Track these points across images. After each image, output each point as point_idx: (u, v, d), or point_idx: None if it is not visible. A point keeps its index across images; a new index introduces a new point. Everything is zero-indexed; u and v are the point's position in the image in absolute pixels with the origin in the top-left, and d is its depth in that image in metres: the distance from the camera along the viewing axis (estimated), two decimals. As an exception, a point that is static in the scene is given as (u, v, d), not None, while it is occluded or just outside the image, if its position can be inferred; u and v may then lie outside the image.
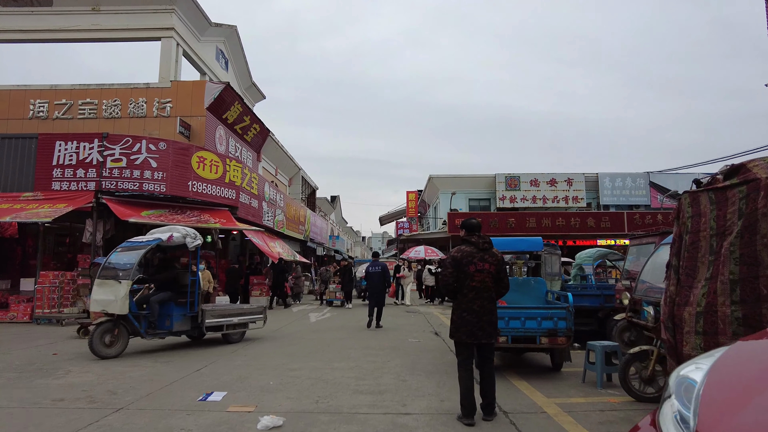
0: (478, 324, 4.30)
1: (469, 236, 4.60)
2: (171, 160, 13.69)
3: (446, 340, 8.80)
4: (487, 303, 4.38)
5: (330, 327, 10.58)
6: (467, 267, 4.39)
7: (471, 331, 4.29)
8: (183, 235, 7.78)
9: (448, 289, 4.50)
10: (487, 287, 4.39)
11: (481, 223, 4.88)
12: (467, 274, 4.39)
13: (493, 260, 4.46)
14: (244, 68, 22.63)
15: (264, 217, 18.20)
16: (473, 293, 4.35)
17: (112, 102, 16.11)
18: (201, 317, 7.86)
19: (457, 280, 4.43)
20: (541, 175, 27.85)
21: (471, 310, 4.33)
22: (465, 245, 4.58)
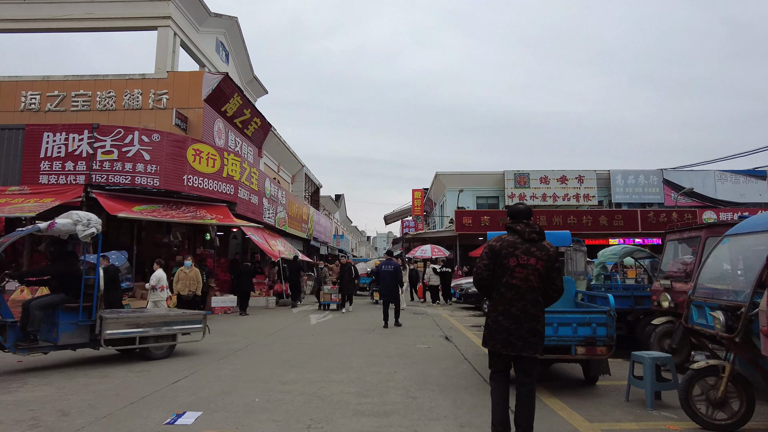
0: (518, 332, 3.42)
1: (514, 223, 3.72)
2: (165, 152, 12.87)
3: (459, 345, 7.89)
4: (530, 307, 3.48)
5: (331, 330, 9.69)
6: (506, 260, 3.53)
7: (507, 340, 3.43)
8: (73, 221, 6.10)
9: (481, 285, 3.65)
10: (531, 287, 3.48)
11: (531, 210, 3.90)
12: (506, 268, 3.52)
13: (541, 254, 3.54)
14: (245, 61, 21.82)
15: (264, 214, 17.37)
16: (513, 293, 3.48)
17: (106, 93, 15.35)
18: (99, 327, 6.11)
19: (493, 274, 3.58)
20: (551, 172, 26.82)
21: (509, 314, 3.46)
22: (508, 234, 3.72)
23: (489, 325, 3.58)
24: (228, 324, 10.71)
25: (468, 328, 10.16)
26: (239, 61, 21.59)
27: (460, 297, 14.66)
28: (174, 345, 7.01)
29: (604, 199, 27.75)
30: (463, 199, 26.35)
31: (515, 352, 3.41)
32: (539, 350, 3.48)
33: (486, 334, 3.59)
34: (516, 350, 3.40)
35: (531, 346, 3.42)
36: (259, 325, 10.43)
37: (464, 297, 14.38)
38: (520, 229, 3.64)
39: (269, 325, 10.57)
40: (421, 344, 7.98)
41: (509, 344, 3.41)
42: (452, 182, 27.60)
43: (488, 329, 3.57)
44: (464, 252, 25.31)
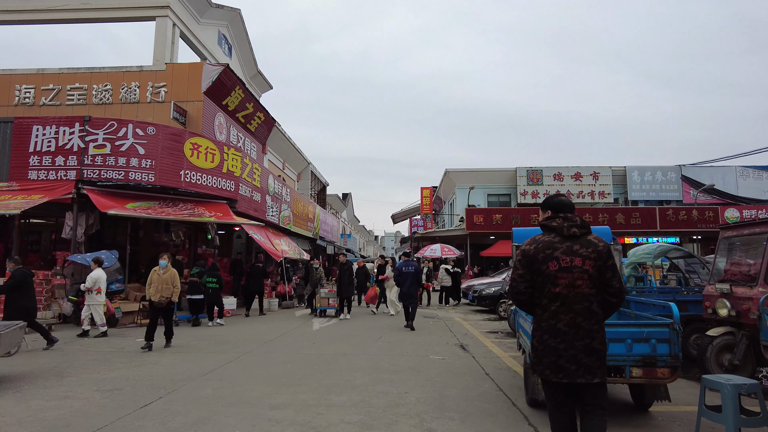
0: (568, 353, 2.65)
1: (550, 219, 2.91)
2: (161, 146, 12.06)
3: (477, 356, 6.93)
4: (581, 319, 2.68)
5: (334, 337, 8.78)
6: (545, 265, 2.76)
7: (557, 363, 2.66)
8: None
9: (520, 300, 2.85)
10: (580, 295, 2.70)
11: (572, 203, 3.05)
12: (546, 275, 2.73)
13: (588, 252, 2.75)
14: (249, 55, 21.02)
15: (268, 212, 16.52)
16: (557, 304, 2.71)
17: (102, 87, 14.61)
18: None
19: (532, 285, 2.78)
20: (566, 168, 25.69)
21: (555, 331, 2.70)
22: (545, 231, 2.92)
23: (534, 347, 2.78)
24: (225, 329, 9.87)
25: (485, 335, 9.20)
26: (243, 55, 20.80)
27: (473, 299, 13.69)
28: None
29: (620, 196, 26.56)
30: (474, 197, 25.32)
31: (568, 379, 2.61)
32: (600, 374, 2.64)
33: (533, 358, 2.79)
34: (569, 376, 2.61)
35: (588, 370, 2.61)
36: (257, 331, 9.57)
37: (478, 299, 13.40)
38: (557, 225, 2.83)
39: (269, 330, 9.70)
40: (435, 355, 7.04)
41: (559, 369, 2.64)
42: (462, 179, 26.57)
43: (534, 352, 2.78)
44: (475, 252, 24.30)
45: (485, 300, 13.16)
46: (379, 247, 75.90)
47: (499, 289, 12.87)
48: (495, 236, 23.70)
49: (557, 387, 2.69)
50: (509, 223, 22.76)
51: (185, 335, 8.86)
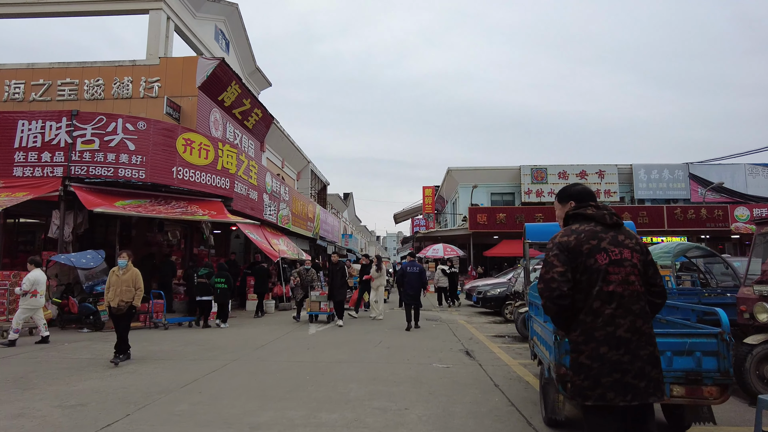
0: (634, 365, 2.12)
1: (583, 207, 2.40)
2: (152, 142, 11.52)
3: (484, 364, 6.33)
4: (642, 323, 2.18)
5: (330, 343, 8.19)
6: (592, 259, 2.23)
7: (623, 381, 2.10)
8: None
9: (561, 306, 2.23)
10: (635, 293, 2.21)
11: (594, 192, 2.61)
12: (595, 271, 2.22)
13: (634, 244, 2.32)
14: (247, 52, 20.48)
15: (265, 211, 15.95)
16: (614, 305, 2.18)
17: (94, 82, 14.10)
18: None
19: (575, 287, 2.22)
20: (571, 167, 25.04)
21: (615, 340, 2.14)
22: (579, 222, 2.37)
23: (585, 365, 2.16)
24: (217, 333, 9.29)
25: (491, 339, 8.59)
26: (241, 50, 20.26)
27: (478, 301, 13.07)
28: None
29: (626, 195, 25.89)
30: (477, 196, 24.70)
31: (639, 400, 2.09)
32: (663, 390, 2.17)
33: (580, 380, 2.17)
34: (640, 396, 2.08)
35: (657, 386, 2.14)
36: (250, 335, 8.99)
37: (482, 301, 12.78)
38: (594, 213, 2.34)
39: (262, 334, 9.13)
40: (438, 363, 6.44)
41: (627, 388, 2.08)
42: (465, 178, 25.96)
43: (584, 372, 2.16)
44: (478, 252, 23.68)
45: (490, 302, 12.55)
46: (380, 248, 75.34)
47: (505, 291, 12.26)
48: (499, 236, 23.08)
49: (616, 414, 2.11)
50: (513, 223, 22.15)
51: (173, 340, 8.29)
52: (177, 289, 12.69)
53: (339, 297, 10.51)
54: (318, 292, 11.25)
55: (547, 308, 2.26)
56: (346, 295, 11.16)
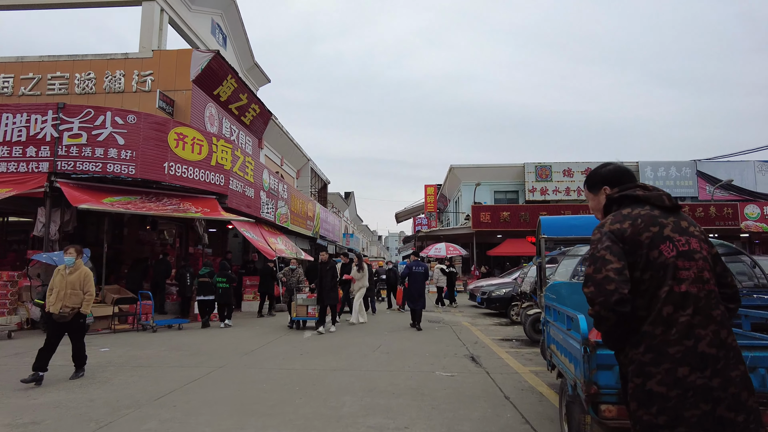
0: (727, 392, 1.53)
1: (631, 188, 1.88)
2: (142, 136, 11.00)
3: (492, 372, 5.76)
4: (725, 333, 1.61)
5: (325, 348, 7.62)
6: (656, 250, 1.69)
7: (712, 416, 1.51)
8: None
9: (621, 315, 1.62)
10: (712, 294, 1.66)
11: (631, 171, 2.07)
12: (661, 265, 1.67)
13: (699, 232, 1.79)
14: (245, 47, 19.96)
15: (262, 209, 15.41)
16: (689, 311, 1.60)
17: (85, 75, 13.62)
18: None
19: (634, 288, 1.68)
20: (576, 164, 24.42)
21: (696, 357, 1.56)
22: (630, 207, 1.83)
23: (656, 393, 1.57)
24: (206, 337, 8.73)
25: (498, 344, 8.01)
26: (238, 45, 19.74)
27: (482, 301, 12.49)
28: None
29: (633, 193, 25.20)
30: (480, 194, 24.11)
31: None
32: None
33: (651, 415, 1.57)
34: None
35: (758, 419, 1.56)
36: (240, 338, 8.44)
37: (487, 302, 12.20)
38: (646, 194, 1.80)
39: (253, 337, 8.58)
40: (442, 370, 5.86)
41: (723, 425, 1.52)
42: (468, 176, 25.36)
43: (656, 402, 1.57)
44: (481, 251, 23.09)
45: (495, 302, 11.96)
46: (382, 248, 74.78)
47: (510, 291, 11.67)
48: (502, 235, 22.49)
49: None
50: (517, 221, 21.57)
51: (159, 344, 7.75)
52: (169, 289, 12.17)
53: (329, 300, 9.27)
54: (305, 294, 10.18)
55: (602, 319, 1.67)
56: (337, 299, 9.81)
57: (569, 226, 4.24)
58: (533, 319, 8.15)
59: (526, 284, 9.77)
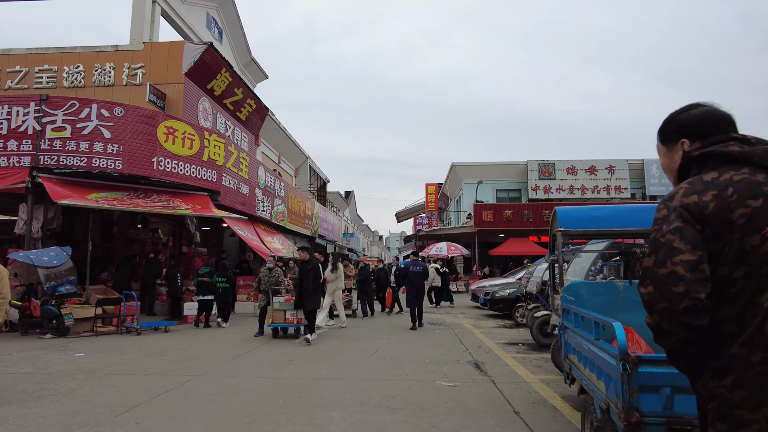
0: None
1: (721, 141, 1.21)
2: (130, 130, 10.47)
3: (498, 381, 5.19)
4: None
5: (317, 353, 7.06)
6: (756, 234, 1.09)
7: None
8: None
9: (692, 331, 1.06)
10: None
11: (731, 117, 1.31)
12: (763, 258, 1.07)
13: None
14: (241, 42, 19.43)
15: (258, 207, 14.87)
16: None
17: (74, 68, 13.10)
18: None
19: (717, 289, 1.10)
20: (579, 162, 23.81)
21: None
22: (717, 170, 1.20)
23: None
24: (191, 340, 8.17)
25: (503, 348, 7.43)
26: (235, 40, 19.21)
27: (485, 302, 11.92)
28: None
29: (638, 191, 24.62)
30: (482, 193, 23.52)
31: None
32: None
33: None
34: None
35: None
36: (228, 342, 7.88)
37: (490, 303, 11.62)
38: (749, 151, 1.20)
39: (242, 341, 8.02)
40: (443, 379, 5.29)
41: None
42: (470, 174, 24.78)
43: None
44: (483, 250, 22.50)
45: (499, 304, 11.38)
46: (383, 248, 74.24)
47: (515, 291, 11.10)
48: (505, 234, 21.91)
49: None
50: (520, 220, 20.98)
51: (140, 348, 7.20)
52: (159, 290, 11.62)
53: (310, 305, 7.79)
54: (283, 297, 8.68)
55: (664, 333, 1.12)
56: (319, 303, 8.44)
57: (589, 218, 3.68)
58: (541, 322, 7.58)
59: (532, 284, 9.19)
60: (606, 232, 3.89)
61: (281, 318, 8.42)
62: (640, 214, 3.81)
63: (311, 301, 7.84)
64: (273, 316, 8.51)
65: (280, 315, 8.45)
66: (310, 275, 7.94)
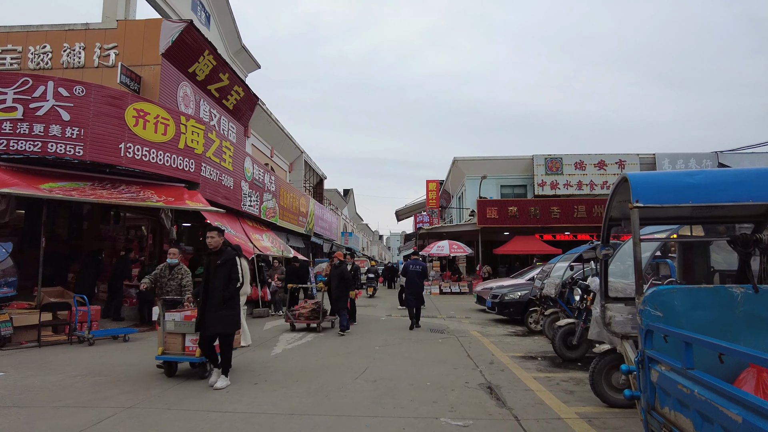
0: None
1: None
2: (93, 111, 9.15)
3: (521, 414, 3.83)
4: None
5: (294, 371, 5.69)
6: None
7: None
8: None
9: None
10: None
11: None
12: None
13: None
14: (231, 28, 18.11)
15: (244, 202, 13.54)
16: None
17: (40, 48, 11.81)
18: None
19: None
20: (588, 156, 22.41)
21: None
22: None
23: None
24: (144, 353, 6.79)
25: (519, 363, 6.06)
26: (224, 26, 17.88)
27: (493, 306, 10.55)
28: None
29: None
30: (485, 189, 22.14)
31: None
32: None
33: None
34: None
35: None
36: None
37: (498, 306, 10.26)
38: None
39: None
40: (450, 414, 3.93)
41: None
42: (473, 169, 23.38)
43: None
44: (487, 249, 21.12)
45: (509, 307, 10.02)
46: (384, 247, 72.89)
47: (527, 294, 9.74)
48: (510, 232, 20.52)
49: None
50: (526, 217, 19.60)
51: (76, 365, 5.84)
52: (128, 291, 10.28)
53: (219, 326, 4.86)
54: (180, 314, 5.39)
55: None
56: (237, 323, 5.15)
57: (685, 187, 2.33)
58: (565, 332, 6.23)
59: (549, 286, 7.83)
60: (716, 208, 2.47)
61: (178, 346, 5.21)
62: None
63: (218, 320, 4.83)
64: (165, 342, 5.26)
65: (175, 341, 5.22)
66: (219, 276, 5.05)
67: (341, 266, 9.12)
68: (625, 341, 3.19)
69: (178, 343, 5.27)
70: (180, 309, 5.65)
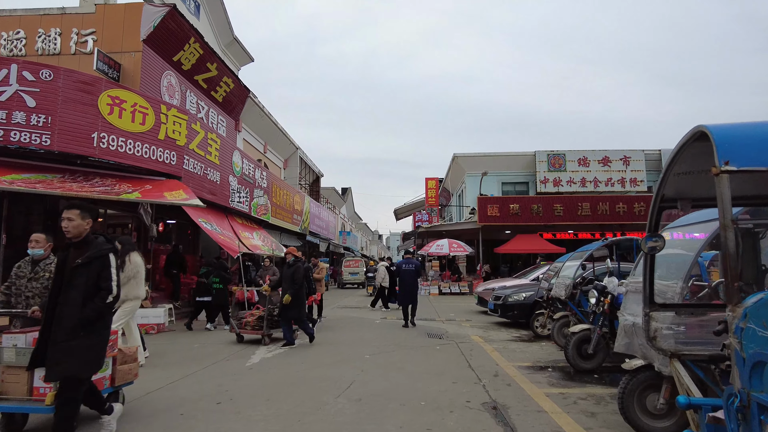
0: None
1: None
2: (62, 98, 8.40)
3: None
4: None
5: (267, 387, 4.90)
6: None
7: None
8: None
9: None
10: None
11: None
12: None
13: None
14: (222, 19, 17.34)
15: (232, 198, 12.77)
16: None
17: (13, 34, 11.10)
18: None
19: None
20: (592, 152, 21.62)
21: None
22: None
23: None
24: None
25: (527, 376, 5.27)
26: (215, 17, 17.11)
27: (495, 308, 9.76)
28: None
29: (654, 184, 22.39)
30: (486, 186, 21.36)
31: None
32: None
33: None
34: None
35: None
36: (155, 365, 5.74)
37: (501, 309, 9.47)
38: None
39: (175, 365, 5.88)
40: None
41: None
42: (473, 165, 22.59)
43: None
44: (488, 248, 20.33)
45: (512, 310, 9.24)
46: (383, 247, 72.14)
47: (533, 295, 8.96)
48: (511, 230, 19.74)
49: None
50: (528, 215, 18.82)
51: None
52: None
53: (59, 370, 2.97)
54: (22, 337, 3.38)
55: None
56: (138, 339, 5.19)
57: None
58: (579, 339, 5.46)
59: (559, 287, 7.05)
60: None
61: (21, 387, 3.28)
62: None
63: (73, 355, 2.99)
64: (1, 382, 3.30)
65: (17, 379, 3.28)
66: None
67: (295, 265, 7.28)
68: (675, 360, 2.41)
69: (22, 381, 3.24)
70: (22, 330, 3.54)
